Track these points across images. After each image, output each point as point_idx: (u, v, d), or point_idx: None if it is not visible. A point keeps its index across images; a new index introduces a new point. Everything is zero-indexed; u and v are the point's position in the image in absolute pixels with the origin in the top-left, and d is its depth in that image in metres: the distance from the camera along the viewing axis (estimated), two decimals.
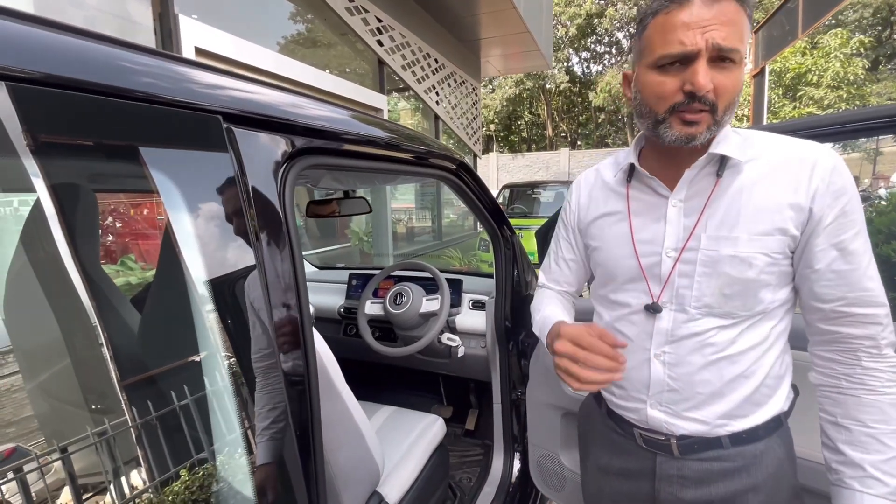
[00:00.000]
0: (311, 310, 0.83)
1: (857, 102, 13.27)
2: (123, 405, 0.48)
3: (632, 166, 0.74)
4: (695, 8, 0.59)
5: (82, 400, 0.48)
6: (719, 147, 0.65)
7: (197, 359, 0.51)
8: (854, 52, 13.25)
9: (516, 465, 1.60)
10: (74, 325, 0.49)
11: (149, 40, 2.39)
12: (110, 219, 0.55)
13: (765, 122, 6.39)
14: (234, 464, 0.54)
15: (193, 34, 2.51)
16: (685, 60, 0.60)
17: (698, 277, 0.67)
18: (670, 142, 0.64)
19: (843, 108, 12.85)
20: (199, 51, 2.56)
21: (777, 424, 0.71)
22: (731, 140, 0.67)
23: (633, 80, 0.69)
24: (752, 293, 0.66)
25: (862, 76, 13.39)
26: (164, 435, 0.49)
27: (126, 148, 0.46)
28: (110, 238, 0.55)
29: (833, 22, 14.71)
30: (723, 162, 0.66)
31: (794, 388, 0.76)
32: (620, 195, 0.77)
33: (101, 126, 0.43)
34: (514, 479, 1.59)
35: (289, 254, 0.58)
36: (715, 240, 0.66)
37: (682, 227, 0.69)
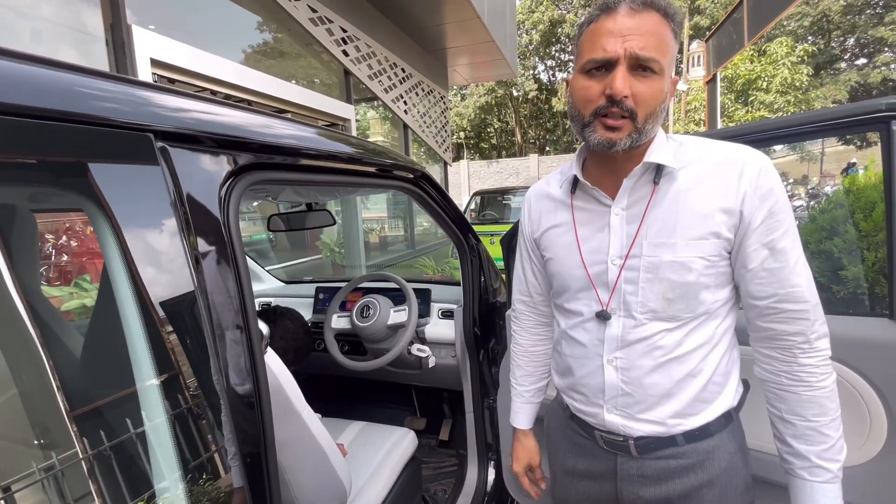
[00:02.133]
0: (266, 330, 0.80)
1: (804, 106, 14.11)
2: (56, 439, 0.45)
3: (576, 177, 0.76)
4: (619, 17, 0.63)
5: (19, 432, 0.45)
6: (653, 156, 0.68)
7: (132, 390, 0.48)
8: (799, 59, 14.11)
9: (491, 473, 1.60)
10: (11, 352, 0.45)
11: (101, 52, 2.30)
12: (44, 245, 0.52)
13: (719, 125, 6.69)
14: (179, 497, 0.51)
15: (149, 45, 2.43)
16: (608, 66, 0.64)
17: (642, 283, 0.70)
18: (594, 145, 0.67)
19: (792, 111, 13.62)
20: (155, 62, 2.47)
21: (727, 420, 0.74)
22: (666, 148, 0.69)
23: (569, 86, 0.73)
24: (694, 295, 0.68)
25: (806, 82, 14.26)
26: (100, 470, 0.46)
27: (48, 173, 0.43)
28: (44, 263, 0.52)
29: (776, 32, 15.62)
30: (659, 170, 0.69)
31: (745, 382, 0.79)
32: (566, 206, 0.79)
33: (17, 149, 0.40)
34: (488, 489, 1.58)
35: (233, 274, 0.56)
36: (656, 246, 0.68)
37: (626, 235, 0.71)
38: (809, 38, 19.32)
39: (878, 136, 0.83)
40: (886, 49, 18.59)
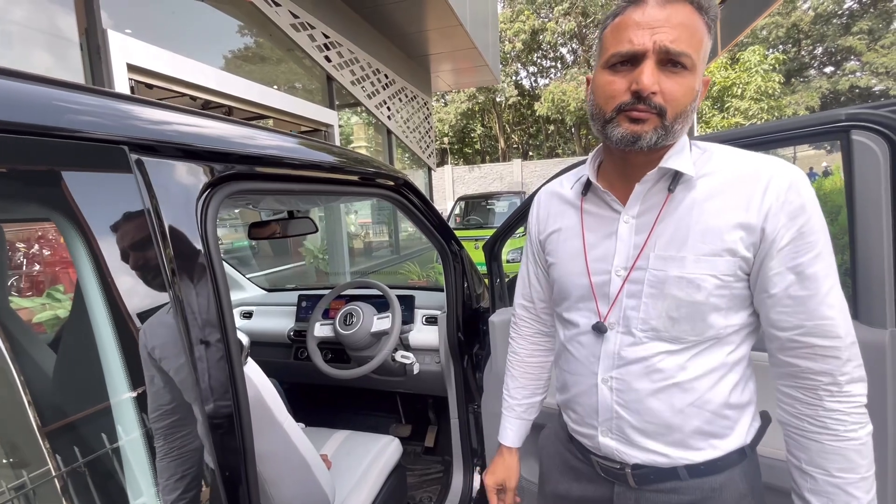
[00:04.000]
0: (246, 341, 0.79)
1: (776, 113, 14.59)
2: (31, 458, 0.44)
3: (589, 179, 0.71)
4: (648, 9, 0.58)
5: None
6: (670, 161, 0.62)
7: (106, 405, 0.47)
8: (771, 67, 14.60)
9: (476, 479, 1.60)
10: None
11: (75, 57, 2.25)
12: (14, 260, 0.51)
13: (696, 131, 6.86)
14: None
15: (125, 50, 2.39)
16: (634, 60, 0.59)
17: (645, 299, 0.64)
18: (617, 142, 0.61)
19: (765, 117, 14.07)
20: (132, 67, 2.43)
21: (740, 457, 0.66)
22: (686, 154, 0.63)
23: (591, 83, 0.67)
24: (701, 317, 0.62)
25: (779, 90, 14.75)
26: (74, 487, 0.45)
27: (20, 186, 0.43)
28: (18, 278, 0.51)
29: (749, 41, 16.14)
30: (676, 176, 0.63)
31: (765, 415, 0.72)
32: (576, 209, 0.73)
33: None
34: (474, 494, 1.58)
35: (211, 286, 0.56)
36: (663, 260, 0.63)
37: (633, 245, 0.65)
38: (780, 46, 20.06)
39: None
40: (853, 58, 19.39)
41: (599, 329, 0.68)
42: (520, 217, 1.28)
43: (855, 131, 0.83)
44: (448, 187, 18.26)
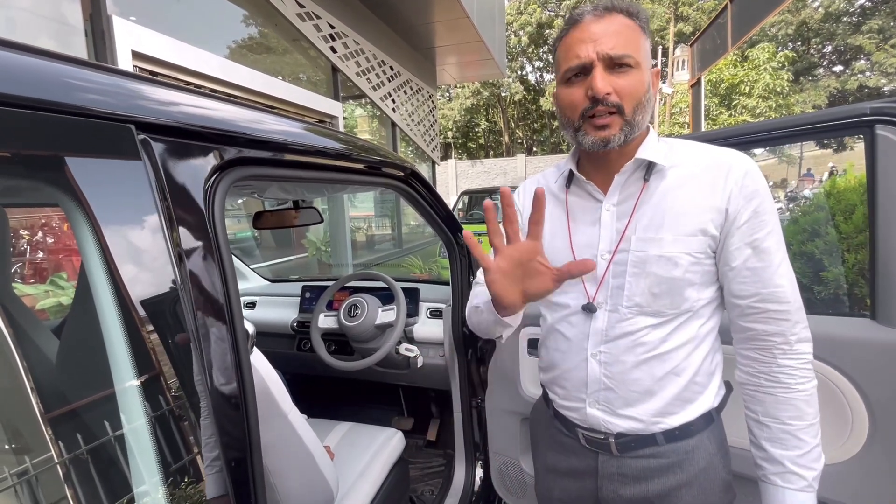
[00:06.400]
0: (252, 330, 0.78)
1: (784, 111, 14.47)
2: (31, 443, 0.43)
3: (571, 172, 0.78)
4: (585, 25, 0.67)
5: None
6: (644, 153, 0.70)
7: (111, 392, 0.46)
8: (780, 65, 14.46)
9: (478, 473, 1.59)
10: None
11: (80, 43, 2.23)
12: (18, 241, 0.49)
13: (703, 128, 6.80)
14: (161, 503, 0.49)
15: (130, 37, 2.37)
16: (585, 71, 0.67)
17: (629, 278, 0.71)
18: (589, 147, 0.69)
19: (773, 115, 13.95)
20: (136, 54, 2.41)
21: (708, 420, 0.74)
22: (656, 147, 0.72)
23: (556, 98, 0.75)
24: (678, 291, 0.69)
25: (787, 87, 14.62)
26: (78, 475, 0.44)
27: (21, 165, 0.41)
28: (20, 261, 0.50)
29: (759, 38, 15.97)
30: (650, 167, 0.71)
31: (728, 384, 0.79)
32: (560, 200, 0.80)
33: None
34: (476, 489, 1.57)
35: (218, 272, 0.54)
36: (643, 241, 0.70)
37: (615, 230, 0.72)
38: (790, 44, 19.85)
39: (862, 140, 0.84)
40: (862, 57, 19.17)
41: (589, 309, 0.74)
42: None
43: (879, 126, 0.81)
44: (451, 182, 18.21)
